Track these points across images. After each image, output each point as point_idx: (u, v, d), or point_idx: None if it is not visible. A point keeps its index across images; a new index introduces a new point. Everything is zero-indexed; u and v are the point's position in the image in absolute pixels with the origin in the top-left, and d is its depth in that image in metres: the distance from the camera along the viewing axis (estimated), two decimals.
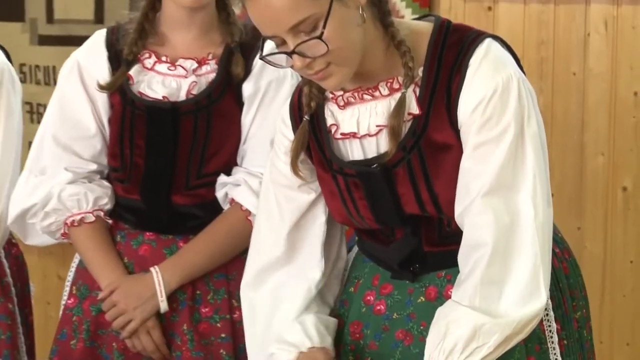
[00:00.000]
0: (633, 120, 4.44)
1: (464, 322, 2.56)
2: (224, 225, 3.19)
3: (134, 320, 3.15)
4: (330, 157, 2.77)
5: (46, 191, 3.21)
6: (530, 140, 2.65)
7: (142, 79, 3.19)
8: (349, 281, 2.93)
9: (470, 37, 2.71)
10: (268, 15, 2.58)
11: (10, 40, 3.60)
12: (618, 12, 4.42)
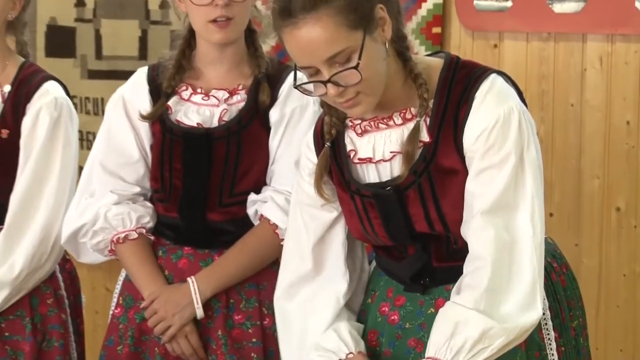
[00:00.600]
0: (626, 146, 4.44)
1: (473, 323, 2.57)
2: (254, 238, 3.20)
3: (172, 326, 3.17)
4: (349, 179, 2.79)
5: (94, 212, 3.23)
6: (530, 166, 2.68)
7: (179, 108, 3.22)
8: (366, 293, 2.95)
9: (477, 73, 2.74)
10: (307, 47, 2.61)
11: (63, 74, 3.60)
12: (612, 49, 4.43)
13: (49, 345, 3.39)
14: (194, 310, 3.17)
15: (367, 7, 2.62)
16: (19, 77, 3.38)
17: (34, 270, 3.32)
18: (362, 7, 2.61)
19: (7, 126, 3.33)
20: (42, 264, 3.33)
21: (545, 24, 4.49)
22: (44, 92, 3.35)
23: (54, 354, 3.38)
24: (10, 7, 3.34)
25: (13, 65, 3.40)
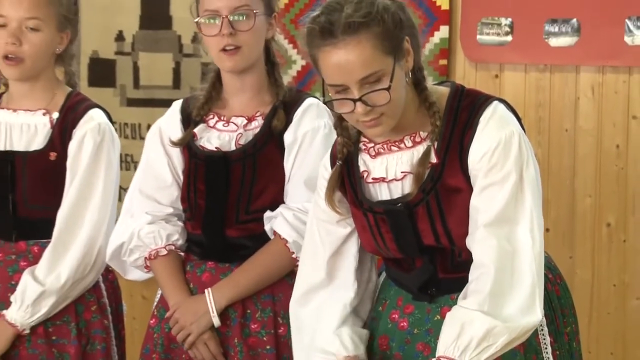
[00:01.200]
0: (615, 168, 4.45)
1: (478, 323, 2.58)
2: (266, 252, 3.19)
3: (192, 334, 3.17)
4: (362, 198, 2.80)
5: (130, 231, 3.25)
6: (529, 184, 2.70)
7: (204, 135, 3.23)
8: (377, 301, 2.96)
9: (480, 100, 2.77)
10: (344, 67, 2.62)
11: (104, 102, 3.62)
12: (603, 79, 4.45)
13: (92, 348, 3.40)
14: (210, 319, 3.17)
15: (399, 37, 2.66)
16: (67, 105, 3.39)
17: (78, 280, 3.33)
18: (395, 36, 2.65)
19: (55, 149, 3.34)
20: (86, 275, 3.34)
21: (542, 57, 4.51)
22: (88, 118, 3.36)
23: (97, 356, 3.40)
24: (58, 42, 3.37)
25: (61, 94, 3.41)
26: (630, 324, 4.49)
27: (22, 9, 3.26)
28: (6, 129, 3.39)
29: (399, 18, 2.67)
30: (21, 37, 3.27)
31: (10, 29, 3.27)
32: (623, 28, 4.36)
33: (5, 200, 3.35)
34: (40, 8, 3.29)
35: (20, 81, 3.38)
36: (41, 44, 3.31)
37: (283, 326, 3.16)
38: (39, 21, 3.29)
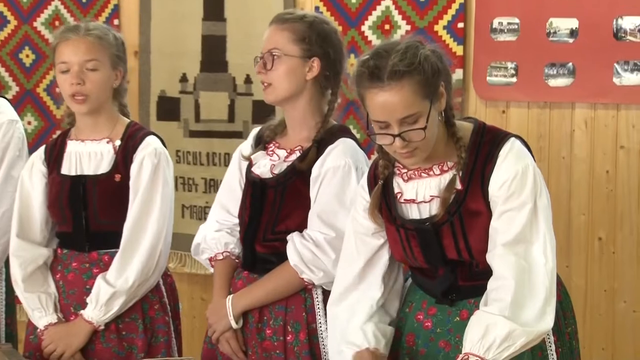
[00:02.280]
0: (606, 190, 4.43)
1: (500, 326, 2.60)
2: (278, 271, 3.18)
3: (216, 332, 3.22)
4: (395, 215, 2.84)
5: (203, 234, 3.31)
6: (542, 210, 2.74)
7: (258, 160, 3.24)
8: (405, 304, 2.97)
9: (500, 136, 2.80)
10: (388, 107, 2.65)
11: (170, 133, 3.67)
12: (595, 114, 4.44)
13: (156, 341, 3.43)
14: (229, 321, 3.17)
15: (436, 83, 2.70)
16: (127, 133, 3.42)
17: (144, 281, 3.35)
18: (433, 83, 2.69)
19: (119, 172, 3.38)
20: (149, 277, 3.37)
21: (542, 95, 4.50)
22: (146, 144, 3.39)
23: (160, 347, 3.42)
24: (114, 78, 3.41)
25: (121, 125, 3.45)
26: (618, 324, 4.45)
27: (81, 54, 3.31)
28: (77, 157, 3.42)
29: (437, 67, 2.70)
30: (83, 78, 3.31)
31: (73, 72, 3.31)
32: (612, 71, 4.34)
33: (79, 218, 3.38)
34: (96, 51, 3.33)
35: (87, 115, 3.40)
36: (101, 81, 3.34)
37: (291, 334, 3.15)
38: (97, 62, 3.33)
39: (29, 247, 3.41)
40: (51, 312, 3.37)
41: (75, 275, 3.39)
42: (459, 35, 4.57)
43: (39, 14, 5.20)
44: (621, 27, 4.30)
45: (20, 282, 3.39)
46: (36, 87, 5.23)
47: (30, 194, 3.43)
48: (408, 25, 4.62)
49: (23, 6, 5.20)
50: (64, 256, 3.42)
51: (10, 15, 5.24)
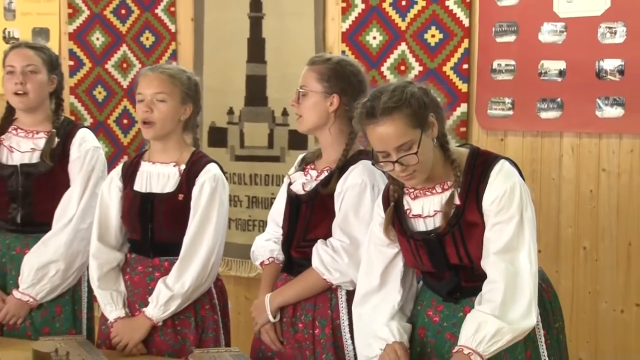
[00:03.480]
0: (589, 207, 4.42)
1: (490, 324, 2.63)
2: (305, 275, 3.18)
3: (257, 324, 3.24)
4: (406, 228, 2.86)
5: (256, 244, 3.38)
6: (527, 222, 2.75)
7: (296, 180, 3.26)
8: (417, 302, 2.99)
9: (491, 158, 2.82)
10: (383, 138, 2.68)
11: (219, 158, 3.67)
12: (580, 142, 4.42)
13: (206, 336, 3.41)
14: (267, 316, 3.19)
15: (424, 115, 2.71)
16: (191, 160, 3.40)
17: (197, 287, 3.34)
18: (421, 114, 2.70)
19: (182, 192, 3.36)
20: (203, 283, 3.36)
21: (535, 126, 4.48)
22: (207, 170, 3.38)
23: (209, 341, 3.40)
24: (182, 112, 3.38)
25: (187, 152, 3.43)
26: (600, 321, 4.42)
27: (153, 87, 3.31)
28: (147, 177, 3.41)
29: (423, 101, 2.71)
30: (152, 107, 3.31)
31: (145, 101, 3.31)
32: (595, 105, 4.33)
33: (146, 229, 3.37)
34: (166, 86, 3.32)
35: (154, 140, 3.40)
36: (167, 111, 3.32)
37: (318, 328, 3.15)
38: (165, 95, 3.31)
39: (106, 250, 3.41)
40: (120, 307, 3.37)
41: (140, 278, 3.39)
42: (464, 75, 4.56)
43: (109, 57, 5.24)
44: (602, 68, 4.29)
45: (96, 280, 3.40)
46: (107, 119, 5.26)
47: (109, 205, 3.43)
48: (420, 66, 4.62)
49: (96, 51, 5.24)
50: (132, 260, 3.42)
51: (86, 58, 5.28)
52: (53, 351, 3.03)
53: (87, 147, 3.60)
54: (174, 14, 5.07)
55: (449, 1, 4.54)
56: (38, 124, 3.64)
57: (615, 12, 4.24)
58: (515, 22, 4.44)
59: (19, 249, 3.59)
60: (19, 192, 3.56)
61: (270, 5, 4.91)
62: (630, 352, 4.37)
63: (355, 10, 4.73)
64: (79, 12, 5.26)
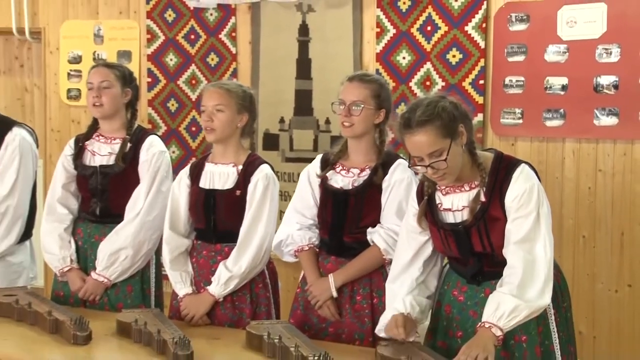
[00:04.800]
0: (588, 202, 4.38)
1: (509, 302, 2.61)
2: (366, 254, 3.19)
3: (320, 300, 3.20)
4: (437, 220, 2.85)
5: (287, 233, 3.30)
6: (543, 217, 2.75)
7: (332, 177, 3.24)
8: (444, 283, 2.97)
9: (513, 162, 2.81)
10: (418, 146, 2.67)
11: (271, 160, 3.69)
12: (580, 146, 4.38)
13: (259, 310, 3.40)
14: (331, 292, 3.18)
15: (454, 126, 2.69)
16: (247, 161, 3.40)
17: (252, 269, 3.33)
18: (451, 126, 2.68)
19: (239, 188, 3.35)
20: (257, 265, 3.35)
21: (541, 132, 4.44)
22: (260, 170, 3.37)
23: (262, 315, 3.39)
24: (238, 120, 3.37)
25: (244, 155, 3.43)
26: (597, 299, 4.38)
27: (213, 100, 3.32)
28: (211, 175, 3.41)
29: (454, 114, 2.69)
30: (212, 116, 3.31)
31: (207, 112, 3.32)
32: (593, 115, 4.28)
33: (209, 220, 3.38)
34: (224, 98, 3.32)
35: (215, 143, 3.41)
36: (224, 120, 3.32)
37: (376, 298, 3.16)
38: (223, 106, 3.31)
39: (176, 237, 3.41)
40: (188, 286, 3.37)
41: (205, 260, 3.39)
42: (480, 89, 4.51)
43: (181, 75, 5.24)
44: (600, 83, 4.25)
45: (168, 262, 3.40)
46: (178, 127, 5.27)
47: (178, 199, 3.43)
48: (443, 82, 4.58)
49: (170, 70, 5.25)
50: (198, 246, 3.42)
51: (161, 76, 5.29)
52: (133, 321, 3.06)
53: (154, 151, 3.58)
54: (234, 38, 5.07)
55: (467, 26, 4.51)
56: (115, 131, 3.63)
57: (610, 35, 4.21)
58: (524, 44, 4.41)
59: (97, 237, 3.59)
60: (98, 189, 3.57)
61: (315, 31, 4.89)
62: (623, 325, 4.33)
63: (387, 34, 4.70)
64: (155, 38, 5.27)
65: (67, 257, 3.57)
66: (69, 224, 3.62)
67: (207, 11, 5.10)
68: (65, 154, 3.66)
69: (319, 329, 3.24)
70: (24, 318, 3.21)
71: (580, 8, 4.26)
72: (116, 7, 5.36)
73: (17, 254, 3.75)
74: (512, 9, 4.41)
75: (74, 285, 3.56)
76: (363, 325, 3.16)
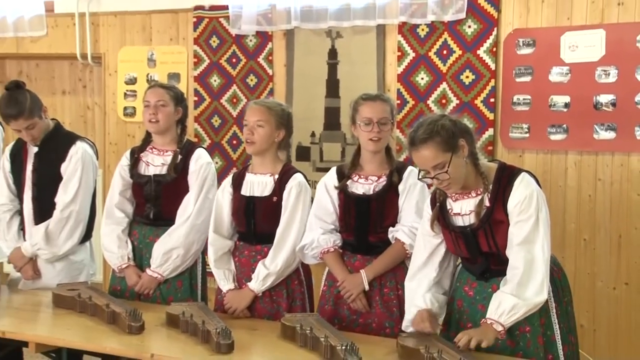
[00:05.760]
0: (588, 207, 4.34)
1: (509, 300, 2.61)
2: (392, 250, 3.17)
3: (353, 294, 3.17)
4: (448, 223, 2.83)
5: (311, 238, 3.27)
6: (542, 221, 2.71)
7: (351, 185, 3.23)
8: (456, 280, 2.95)
9: (515, 171, 2.79)
10: (422, 160, 2.68)
11: (303, 169, 3.71)
12: (581, 158, 4.35)
13: (295, 304, 3.40)
14: (363, 286, 3.17)
15: (454, 141, 2.68)
16: (282, 170, 3.40)
17: (287, 267, 3.34)
18: (452, 141, 2.67)
19: (276, 195, 3.36)
20: (291, 264, 3.35)
21: (546, 146, 4.42)
22: (294, 178, 3.38)
23: (297, 308, 3.39)
24: (276, 135, 3.38)
25: (279, 165, 3.43)
26: (597, 296, 4.34)
27: (255, 116, 3.34)
28: (250, 184, 3.42)
29: (452, 130, 2.67)
30: (253, 131, 3.33)
31: (249, 126, 3.34)
32: (592, 130, 4.26)
33: (250, 223, 3.38)
34: (264, 115, 3.34)
35: (254, 155, 3.41)
36: (264, 134, 3.33)
37: (401, 289, 3.12)
38: (263, 121, 3.33)
39: (220, 239, 3.43)
40: (231, 282, 3.38)
41: (246, 259, 3.40)
42: (491, 107, 4.50)
43: (223, 94, 5.27)
44: (599, 101, 4.22)
45: (213, 261, 3.41)
46: (221, 140, 5.29)
47: (222, 205, 3.45)
48: (457, 100, 4.57)
49: (214, 90, 5.28)
50: (240, 246, 3.43)
51: (206, 95, 5.32)
52: (181, 313, 3.08)
53: (201, 162, 3.60)
54: (271, 61, 5.09)
55: (479, 50, 4.50)
56: (167, 144, 3.66)
57: (608, 59, 4.19)
58: (530, 66, 4.39)
59: (151, 238, 3.60)
60: (152, 196, 3.59)
61: (343, 55, 4.89)
62: (621, 319, 4.29)
63: (407, 58, 4.69)
64: (201, 61, 5.31)
65: (124, 255, 3.60)
66: (126, 226, 3.66)
67: (247, 37, 5.13)
68: (122, 164, 3.70)
69: (350, 320, 3.22)
70: (84, 310, 3.26)
71: (581, 34, 4.25)
72: (167, 35, 5.41)
73: (79, 253, 3.78)
74: (520, 34, 4.40)
75: (130, 281, 3.59)
76: (392, 314, 3.16)
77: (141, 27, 5.46)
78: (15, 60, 6.09)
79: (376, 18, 4.71)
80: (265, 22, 5.02)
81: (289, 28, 4.98)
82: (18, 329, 3.06)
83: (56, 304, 3.37)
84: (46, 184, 3.68)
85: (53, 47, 5.70)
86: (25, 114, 3.54)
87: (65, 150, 3.69)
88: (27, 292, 3.64)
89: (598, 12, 4.21)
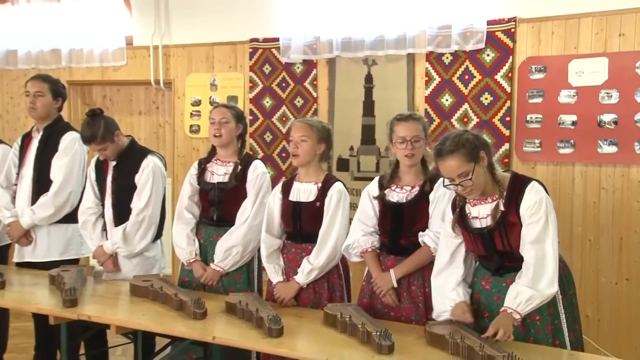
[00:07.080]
0: (593, 213, 4.28)
1: (526, 292, 2.60)
2: (419, 253, 3.13)
3: (383, 290, 3.15)
4: (467, 226, 2.81)
5: (353, 239, 3.26)
6: (551, 222, 2.69)
7: (389, 194, 3.20)
8: (474, 276, 2.92)
9: (526, 180, 2.76)
10: (448, 170, 2.67)
11: (343, 179, 3.71)
12: (587, 170, 4.29)
13: (335, 295, 3.40)
14: (392, 283, 3.15)
15: (476, 152, 2.67)
16: (324, 179, 3.40)
17: (329, 263, 3.34)
18: (474, 153, 2.66)
19: (319, 201, 3.36)
20: (332, 260, 3.35)
21: (555, 158, 4.37)
22: (334, 186, 3.38)
23: (337, 299, 3.38)
24: (317, 149, 3.38)
25: (322, 175, 3.43)
26: (600, 290, 4.28)
27: (299, 132, 3.34)
28: (297, 191, 3.43)
29: (475, 144, 2.66)
30: (298, 145, 3.34)
31: (293, 141, 3.35)
32: (596, 145, 4.21)
33: (296, 225, 3.39)
34: (307, 131, 3.34)
35: (299, 167, 3.42)
36: (307, 148, 3.34)
37: (427, 287, 3.10)
38: (306, 137, 3.33)
39: (271, 238, 3.44)
40: (280, 275, 3.39)
41: (293, 256, 3.41)
42: (507, 124, 4.47)
43: (274, 114, 5.26)
44: (602, 120, 4.18)
45: (265, 257, 3.43)
46: (272, 153, 5.33)
47: (273, 209, 3.46)
48: (477, 119, 4.55)
49: (266, 110, 5.33)
50: (288, 245, 3.44)
51: (260, 114, 5.37)
52: (238, 302, 3.11)
53: (258, 172, 3.62)
54: (316, 86, 5.12)
55: (497, 75, 4.47)
56: (229, 156, 3.70)
57: (611, 83, 4.14)
58: (542, 89, 4.35)
59: (215, 236, 3.62)
60: (215, 200, 3.63)
61: (377, 79, 4.90)
62: (622, 311, 4.22)
63: (434, 82, 4.69)
64: (256, 85, 5.36)
65: (192, 251, 3.64)
66: (194, 226, 3.69)
67: (295, 65, 5.17)
68: (191, 173, 3.74)
69: (382, 313, 3.21)
70: (156, 298, 3.30)
71: (586, 61, 4.20)
72: (227, 63, 5.48)
73: (152, 250, 3.83)
74: (532, 62, 4.37)
75: (197, 273, 3.62)
76: (418, 309, 3.14)
77: (205, 57, 5.55)
78: (100, 86, 6.25)
79: (406, 48, 4.73)
80: (310, 52, 5.06)
81: (331, 57, 5.00)
82: (102, 314, 3.10)
83: (133, 292, 3.42)
84: (123, 192, 3.74)
85: (131, 75, 5.83)
86: (98, 140, 3.62)
87: (138, 163, 3.75)
88: (108, 282, 3.70)
89: (602, 42, 4.17)
